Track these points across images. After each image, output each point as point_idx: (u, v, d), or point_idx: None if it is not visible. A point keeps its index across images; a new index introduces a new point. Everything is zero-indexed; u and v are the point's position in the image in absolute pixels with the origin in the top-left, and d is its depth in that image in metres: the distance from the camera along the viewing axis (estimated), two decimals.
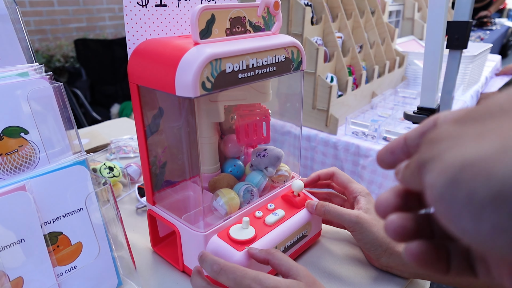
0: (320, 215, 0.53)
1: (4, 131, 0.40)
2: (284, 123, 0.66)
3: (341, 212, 0.50)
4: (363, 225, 0.48)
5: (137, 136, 0.49)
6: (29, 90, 0.42)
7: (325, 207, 0.52)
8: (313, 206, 0.53)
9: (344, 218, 0.50)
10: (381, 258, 0.48)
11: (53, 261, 0.42)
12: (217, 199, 0.49)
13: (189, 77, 0.38)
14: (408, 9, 2.08)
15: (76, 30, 2.99)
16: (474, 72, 1.71)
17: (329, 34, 1.25)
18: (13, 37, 0.45)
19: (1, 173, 0.40)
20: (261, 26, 0.48)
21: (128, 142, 0.93)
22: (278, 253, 0.42)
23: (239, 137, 0.56)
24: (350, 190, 0.54)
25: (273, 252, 0.43)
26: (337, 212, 0.50)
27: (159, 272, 0.52)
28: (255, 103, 0.57)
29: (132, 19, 0.44)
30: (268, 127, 0.56)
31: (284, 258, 0.42)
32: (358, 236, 0.49)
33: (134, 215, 0.66)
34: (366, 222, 0.48)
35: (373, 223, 0.49)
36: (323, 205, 0.52)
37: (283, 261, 0.41)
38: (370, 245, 0.48)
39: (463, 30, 0.92)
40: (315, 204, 0.53)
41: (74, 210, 0.43)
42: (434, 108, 0.86)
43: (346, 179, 0.56)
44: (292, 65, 0.50)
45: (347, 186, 0.55)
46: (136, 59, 0.44)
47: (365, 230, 0.48)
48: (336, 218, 0.51)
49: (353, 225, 0.49)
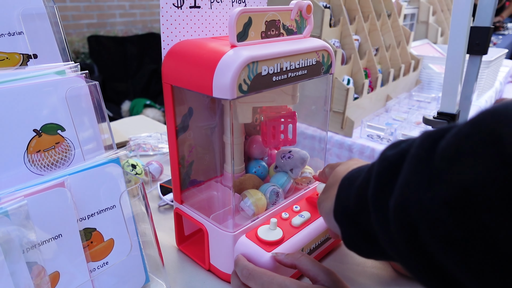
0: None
1: (42, 128, 0.41)
2: (306, 126, 0.67)
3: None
4: None
5: (168, 135, 0.49)
6: (67, 88, 0.43)
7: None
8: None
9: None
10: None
11: (87, 257, 0.42)
12: (245, 199, 0.50)
13: (227, 79, 0.38)
14: (422, 12, 2.07)
15: (87, 27, 3.01)
16: (489, 77, 1.70)
17: (347, 37, 1.25)
18: (50, 36, 0.46)
19: (38, 168, 0.41)
20: (293, 29, 0.48)
21: (147, 140, 0.94)
22: (304, 257, 0.42)
23: (265, 139, 0.56)
24: None
25: (299, 257, 0.43)
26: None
27: (185, 271, 0.52)
28: (281, 105, 0.58)
29: (167, 20, 0.45)
30: (294, 129, 0.57)
31: (311, 263, 0.42)
32: None
33: (157, 213, 0.67)
34: None
35: None
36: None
37: (310, 266, 0.41)
38: None
39: (484, 36, 0.91)
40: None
41: (107, 207, 0.44)
42: (454, 113, 0.86)
43: None
44: (322, 69, 0.50)
45: None
46: (171, 60, 0.45)
47: None
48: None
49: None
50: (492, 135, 0.19)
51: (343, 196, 0.35)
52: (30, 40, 0.43)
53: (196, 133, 0.53)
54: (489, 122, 0.20)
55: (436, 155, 0.22)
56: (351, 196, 0.33)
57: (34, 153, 0.40)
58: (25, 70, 0.42)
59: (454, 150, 0.21)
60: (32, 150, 0.40)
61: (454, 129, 0.22)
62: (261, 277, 0.40)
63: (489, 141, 0.19)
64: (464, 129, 0.21)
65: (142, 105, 2.73)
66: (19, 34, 0.43)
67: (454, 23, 0.81)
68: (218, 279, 0.51)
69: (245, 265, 0.43)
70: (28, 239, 0.36)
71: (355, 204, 0.32)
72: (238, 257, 0.45)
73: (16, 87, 0.39)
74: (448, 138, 0.22)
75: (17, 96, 0.39)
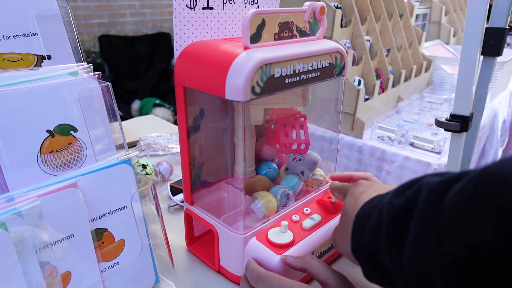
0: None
1: (55, 129, 0.41)
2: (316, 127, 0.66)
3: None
4: None
5: (179, 136, 0.49)
6: (80, 89, 0.43)
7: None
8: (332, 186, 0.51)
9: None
10: None
11: (98, 257, 0.42)
12: (255, 201, 0.50)
13: (240, 81, 0.38)
14: (435, 12, 2.05)
15: (98, 26, 3.03)
16: (502, 79, 1.67)
17: (358, 37, 1.24)
18: (64, 36, 0.46)
19: (51, 169, 0.41)
20: (306, 31, 0.48)
21: (157, 140, 0.94)
22: (314, 261, 0.42)
23: (281, 144, 0.55)
24: None
25: (309, 260, 0.42)
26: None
27: (195, 272, 0.52)
28: (291, 108, 0.57)
29: (180, 21, 0.45)
30: (306, 132, 0.56)
31: (321, 267, 0.41)
32: None
33: (166, 213, 0.67)
34: None
35: None
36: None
37: (320, 270, 0.41)
38: None
39: (499, 37, 0.90)
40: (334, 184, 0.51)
41: (118, 208, 0.44)
42: (467, 115, 0.84)
43: None
44: (335, 71, 0.50)
45: None
46: (183, 61, 0.45)
47: None
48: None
49: None
50: (496, 199, 0.21)
51: (358, 235, 0.36)
52: (44, 41, 0.44)
53: (207, 134, 0.53)
54: (492, 185, 0.21)
55: (444, 212, 0.24)
56: (366, 235, 0.34)
57: (47, 154, 0.41)
58: (39, 71, 0.42)
59: (460, 209, 0.23)
60: (45, 150, 0.40)
61: (457, 185, 0.24)
62: (270, 280, 0.41)
63: (493, 204, 0.21)
64: (468, 188, 0.23)
65: (151, 105, 2.74)
66: (33, 35, 0.43)
67: (468, 24, 0.80)
68: (228, 281, 0.51)
69: (255, 269, 0.43)
70: (40, 239, 0.36)
71: (370, 244, 0.33)
72: (248, 261, 0.45)
73: (30, 88, 0.39)
74: (453, 195, 0.24)
75: (31, 97, 0.39)
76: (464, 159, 0.98)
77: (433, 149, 1.15)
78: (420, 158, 1.11)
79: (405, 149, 1.16)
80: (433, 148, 1.15)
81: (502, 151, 1.93)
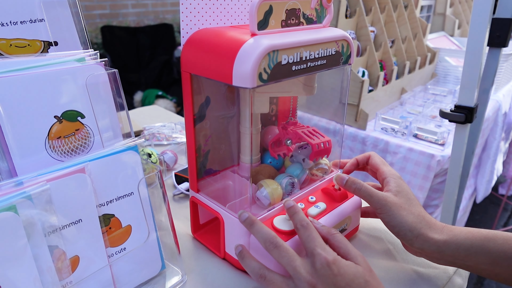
0: (349, 191, 0.52)
1: (63, 115, 0.41)
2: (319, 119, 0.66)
3: (371, 192, 0.49)
4: (391, 207, 0.47)
5: (186, 124, 0.49)
6: (87, 76, 0.43)
7: (356, 184, 0.50)
8: (343, 180, 0.51)
9: (373, 199, 0.48)
10: (414, 244, 0.47)
11: (105, 242, 0.43)
12: (261, 189, 0.50)
13: (248, 67, 0.38)
14: (440, 4, 2.03)
15: (100, 17, 3.02)
16: (507, 71, 1.66)
17: (363, 28, 1.23)
18: (70, 23, 0.46)
19: (59, 154, 0.42)
20: (313, 18, 0.47)
21: (161, 130, 0.94)
22: (338, 235, 0.44)
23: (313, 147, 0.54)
24: (381, 172, 0.53)
25: (334, 233, 0.44)
26: (367, 191, 0.49)
27: (200, 259, 0.53)
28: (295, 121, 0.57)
29: (187, 8, 0.45)
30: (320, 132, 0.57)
31: (344, 241, 0.43)
32: (386, 218, 0.48)
33: (172, 201, 0.68)
34: (394, 204, 0.47)
35: (402, 206, 0.48)
36: (354, 182, 0.50)
37: (342, 244, 0.43)
38: (398, 228, 0.47)
39: (505, 28, 0.89)
40: (346, 178, 0.51)
41: (125, 194, 0.44)
42: (472, 106, 0.84)
43: (380, 161, 0.55)
44: (341, 59, 0.50)
45: (379, 168, 0.54)
46: (190, 48, 0.45)
47: (393, 213, 0.47)
48: (365, 197, 0.49)
49: (380, 206, 0.48)
50: None
51: None
52: (51, 27, 0.44)
53: (213, 122, 0.53)
54: None
55: None
56: None
57: (55, 139, 0.41)
58: (46, 57, 0.42)
59: None
60: (53, 136, 0.41)
61: None
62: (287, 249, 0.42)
63: None
64: None
65: (154, 96, 2.74)
66: (40, 21, 0.43)
67: (475, 14, 0.80)
68: (233, 267, 0.51)
69: (268, 233, 0.43)
70: (50, 223, 0.37)
71: None
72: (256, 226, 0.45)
73: (37, 74, 0.39)
74: None
75: (38, 83, 0.39)
76: (468, 151, 0.98)
77: (437, 141, 1.15)
78: (424, 149, 1.11)
79: (408, 140, 1.16)
80: (436, 139, 1.15)
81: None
